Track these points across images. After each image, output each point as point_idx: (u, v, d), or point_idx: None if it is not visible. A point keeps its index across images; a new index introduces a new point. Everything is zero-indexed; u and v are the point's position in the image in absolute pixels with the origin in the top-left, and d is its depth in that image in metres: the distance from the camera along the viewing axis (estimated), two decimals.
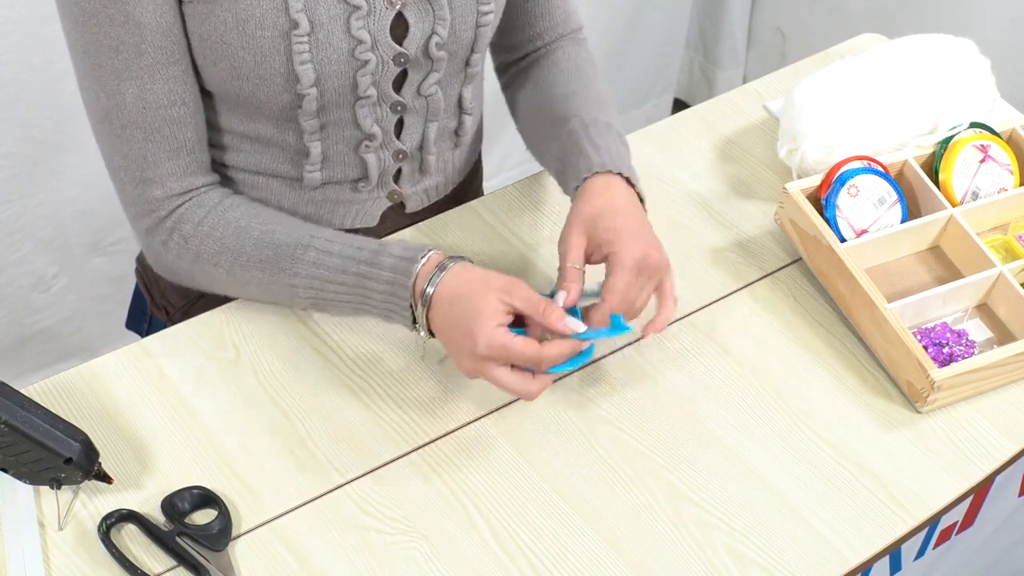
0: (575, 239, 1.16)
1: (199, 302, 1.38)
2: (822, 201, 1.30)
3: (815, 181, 1.32)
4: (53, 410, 1.08)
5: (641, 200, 1.20)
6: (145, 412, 1.17)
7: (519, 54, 1.38)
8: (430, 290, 1.11)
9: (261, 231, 1.18)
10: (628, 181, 1.19)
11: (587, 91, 1.31)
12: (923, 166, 1.36)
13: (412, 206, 1.35)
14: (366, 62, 1.17)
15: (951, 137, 1.36)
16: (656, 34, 2.73)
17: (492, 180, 2.24)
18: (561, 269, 1.15)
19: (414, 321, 1.14)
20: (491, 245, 1.34)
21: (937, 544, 1.26)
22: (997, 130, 1.38)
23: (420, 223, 1.36)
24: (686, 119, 1.51)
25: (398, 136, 1.27)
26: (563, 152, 1.24)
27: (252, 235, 1.18)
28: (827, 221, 1.29)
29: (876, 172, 1.31)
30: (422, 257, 1.13)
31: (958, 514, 1.24)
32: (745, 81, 2.47)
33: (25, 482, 1.08)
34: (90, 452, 1.08)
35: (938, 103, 1.38)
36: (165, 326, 1.29)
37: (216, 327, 1.25)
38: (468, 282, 1.11)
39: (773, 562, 1.09)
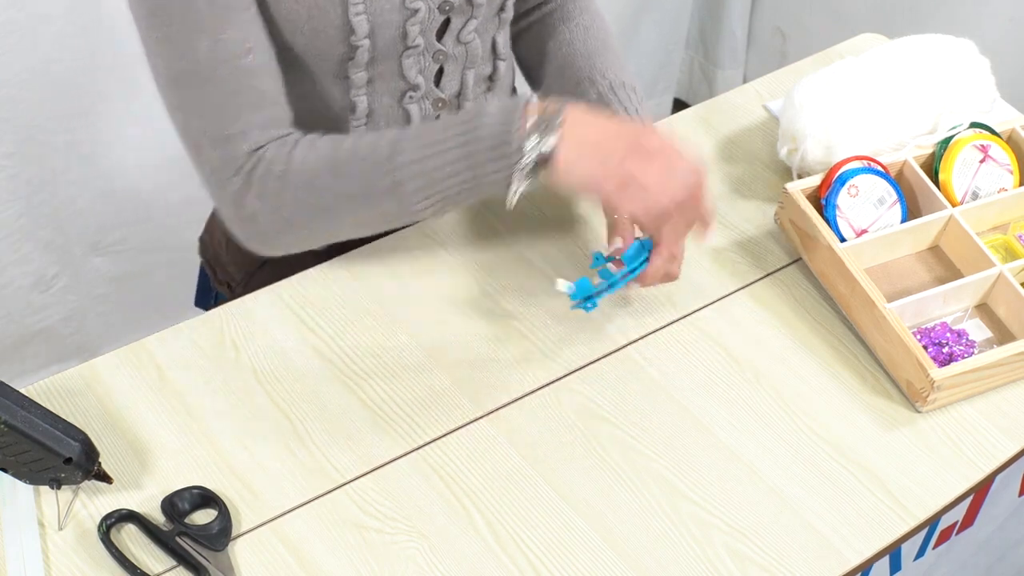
0: None
1: (257, 273, 1.39)
2: (822, 201, 1.30)
3: (815, 181, 1.32)
4: (53, 410, 1.08)
5: None
6: (145, 412, 1.17)
7: (528, 5, 1.38)
8: (551, 107, 1.08)
9: (354, 141, 1.15)
10: None
11: (608, 50, 1.33)
12: (923, 166, 1.36)
13: None
14: (416, 11, 1.18)
15: (951, 137, 1.36)
16: (656, 34, 2.73)
17: None
18: (609, 222, 1.19)
19: (519, 162, 1.07)
20: (491, 245, 1.34)
21: (937, 544, 1.26)
22: (997, 130, 1.38)
23: (421, 223, 1.35)
24: (686, 119, 1.51)
25: (437, 84, 1.27)
26: None
27: (345, 146, 1.14)
28: (827, 221, 1.29)
29: (876, 172, 1.31)
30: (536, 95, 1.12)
31: (958, 514, 1.24)
32: (745, 81, 2.47)
33: (25, 482, 1.08)
34: (90, 452, 1.08)
35: (938, 103, 1.38)
36: (228, 301, 1.29)
37: (216, 327, 1.25)
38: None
39: (773, 562, 1.09)
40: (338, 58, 1.18)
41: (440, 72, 1.27)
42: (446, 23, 1.23)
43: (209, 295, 1.53)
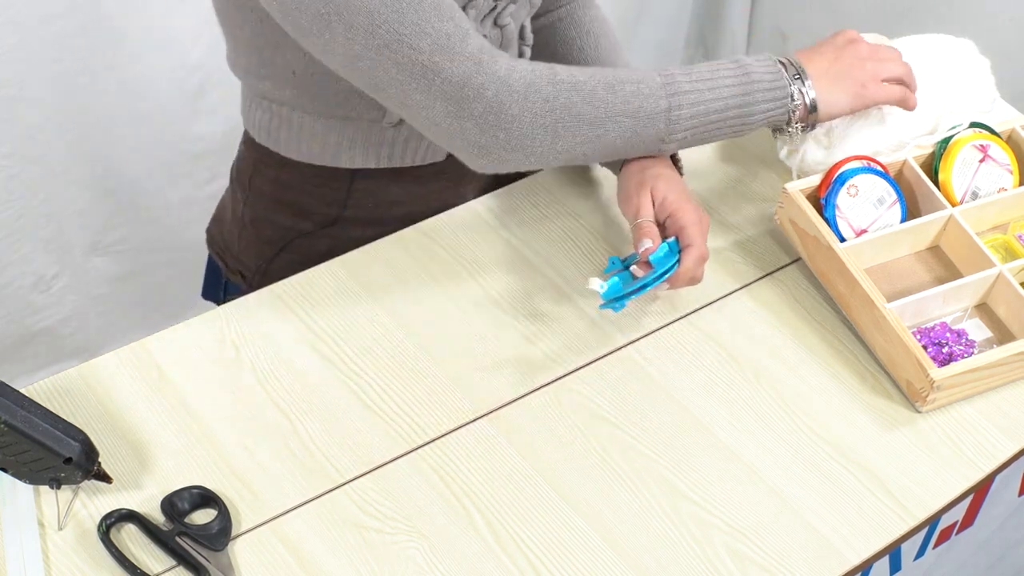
0: (643, 198, 1.22)
1: (274, 262, 1.40)
2: (822, 201, 1.30)
3: (815, 181, 1.32)
4: (53, 410, 1.08)
5: (680, 173, 1.28)
6: (145, 412, 1.17)
7: (538, 11, 1.39)
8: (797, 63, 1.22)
9: (609, 70, 1.19)
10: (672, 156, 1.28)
11: (619, 60, 1.35)
12: (923, 166, 1.36)
13: None
14: None
15: (951, 137, 1.36)
16: (656, 34, 2.73)
17: None
18: (635, 226, 1.21)
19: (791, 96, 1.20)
20: (491, 245, 1.34)
21: (937, 544, 1.26)
22: (997, 130, 1.38)
23: (421, 223, 1.35)
24: None
25: None
26: None
27: (606, 73, 1.18)
28: (827, 221, 1.29)
29: (876, 172, 1.31)
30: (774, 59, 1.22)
31: (958, 514, 1.24)
32: None
33: (25, 482, 1.08)
34: (90, 452, 1.08)
35: (938, 103, 1.38)
36: (241, 290, 1.29)
37: (216, 327, 1.25)
38: (821, 55, 1.24)
39: (773, 562, 1.09)
40: None
41: None
42: (491, 8, 1.24)
43: (218, 286, 1.53)
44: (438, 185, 1.36)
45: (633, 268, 1.21)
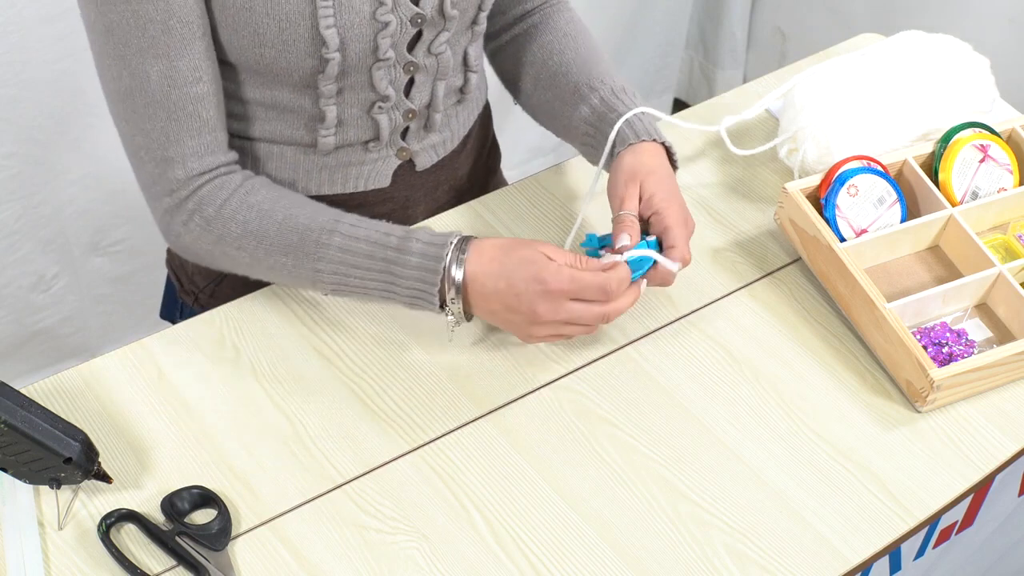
0: (630, 190, 1.21)
1: (223, 283, 1.40)
2: (822, 201, 1.30)
3: (815, 181, 1.32)
4: (53, 410, 1.08)
5: (674, 168, 1.26)
6: (145, 412, 1.17)
7: (507, 19, 1.39)
8: (458, 275, 1.14)
9: (285, 215, 1.18)
10: (667, 150, 1.26)
11: (600, 57, 1.34)
12: (923, 166, 1.36)
13: (421, 163, 1.36)
14: (387, 24, 1.18)
15: (951, 137, 1.36)
16: (656, 34, 2.73)
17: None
18: (617, 218, 1.20)
19: (442, 307, 1.16)
20: None
21: (937, 544, 1.26)
22: (997, 130, 1.38)
23: (420, 223, 1.35)
24: (686, 119, 1.51)
25: (407, 95, 1.28)
26: (597, 119, 1.28)
27: (276, 219, 1.18)
28: (827, 221, 1.29)
29: (876, 172, 1.31)
30: (451, 242, 1.15)
31: (958, 514, 1.24)
32: (745, 81, 2.47)
33: (25, 482, 1.08)
34: (90, 452, 1.08)
35: (938, 103, 1.38)
36: (195, 311, 1.29)
37: (216, 327, 1.25)
38: (501, 248, 1.15)
39: (773, 562, 1.09)
40: (309, 70, 1.19)
41: (410, 83, 1.27)
42: (418, 35, 1.23)
43: (175, 306, 1.52)
44: (385, 209, 1.36)
45: (603, 252, 1.20)
